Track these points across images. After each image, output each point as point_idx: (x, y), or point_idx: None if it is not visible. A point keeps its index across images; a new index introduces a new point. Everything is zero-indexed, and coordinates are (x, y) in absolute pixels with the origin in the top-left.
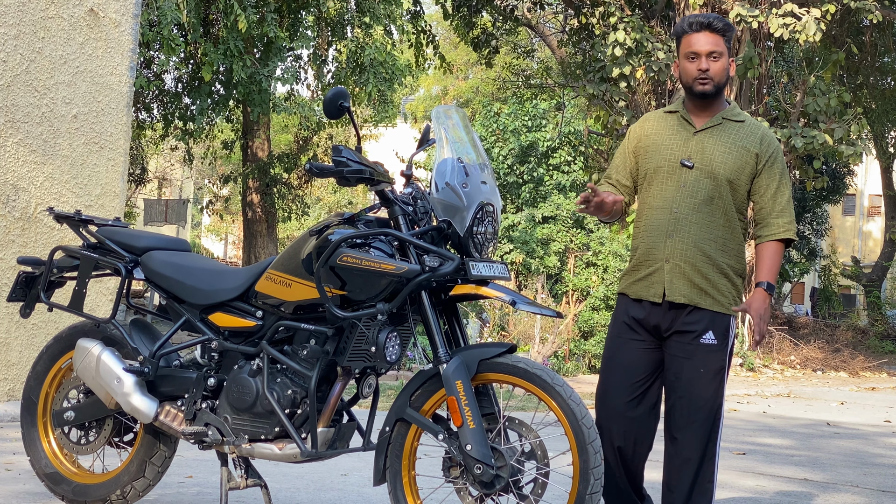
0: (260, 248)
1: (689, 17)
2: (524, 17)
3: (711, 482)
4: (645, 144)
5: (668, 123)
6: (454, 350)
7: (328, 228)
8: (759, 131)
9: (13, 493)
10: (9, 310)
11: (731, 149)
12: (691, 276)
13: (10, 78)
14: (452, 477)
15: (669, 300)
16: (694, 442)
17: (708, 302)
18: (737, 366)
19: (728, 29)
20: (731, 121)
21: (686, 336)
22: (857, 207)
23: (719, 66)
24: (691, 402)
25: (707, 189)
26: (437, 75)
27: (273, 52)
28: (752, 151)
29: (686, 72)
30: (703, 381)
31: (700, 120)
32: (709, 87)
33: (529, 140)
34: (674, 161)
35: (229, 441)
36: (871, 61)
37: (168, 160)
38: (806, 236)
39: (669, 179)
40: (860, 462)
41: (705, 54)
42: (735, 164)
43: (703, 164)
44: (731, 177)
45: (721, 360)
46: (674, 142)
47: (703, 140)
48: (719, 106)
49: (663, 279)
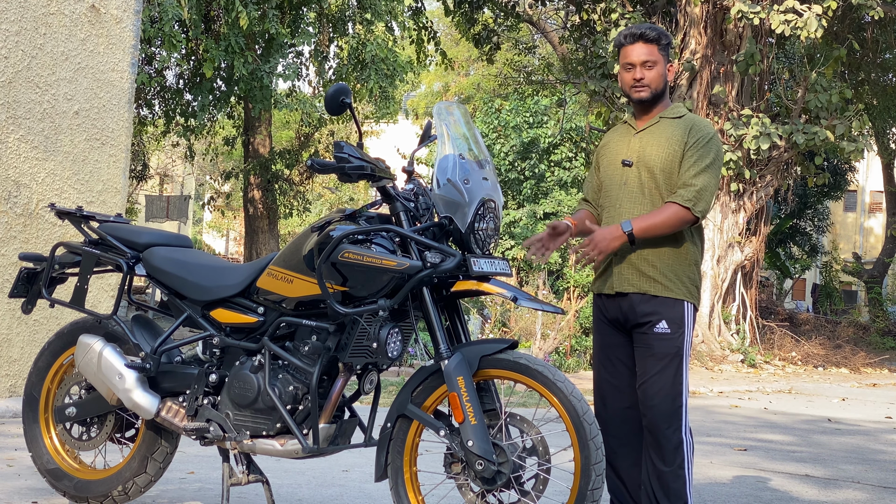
0: (261, 244)
1: (624, 30)
2: (525, 13)
3: (683, 468)
4: (601, 156)
5: (619, 130)
6: (455, 346)
7: (330, 225)
8: (690, 122)
9: (15, 488)
10: (10, 306)
11: (664, 142)
12: (637, 264)
13: (11, 74)
14: (454, 473)
15: (619, 291)
16: (657, 428)
17: (658, 288)
18: (738, 362)
19: (661, 37)
20: (668, 118)
21: (642, 327)
22: (859, 204)
23: (654, 74)
24: (646, 389)
25: (645, 182)
26: (438, 72)
27: (274, 49)
28: (682, 140)
29: (623, 81)
30: (657, 368)
31: (642, 122)
32: (644, 93)
33: (531, 136)
34: (617, 162)
35: (231, 437)
36: (872, 58)
37: (169, 156)
38: (807, 232)
39: (614, 180)
40: (861, 458)
41: (639, 64)
42: (666, 154)
43: (640, 161)
44: (664, 167)
45: (675, 346)
46: (619, 146)
47: (642, 139)
48: (661, 108)
49: (613, 272)
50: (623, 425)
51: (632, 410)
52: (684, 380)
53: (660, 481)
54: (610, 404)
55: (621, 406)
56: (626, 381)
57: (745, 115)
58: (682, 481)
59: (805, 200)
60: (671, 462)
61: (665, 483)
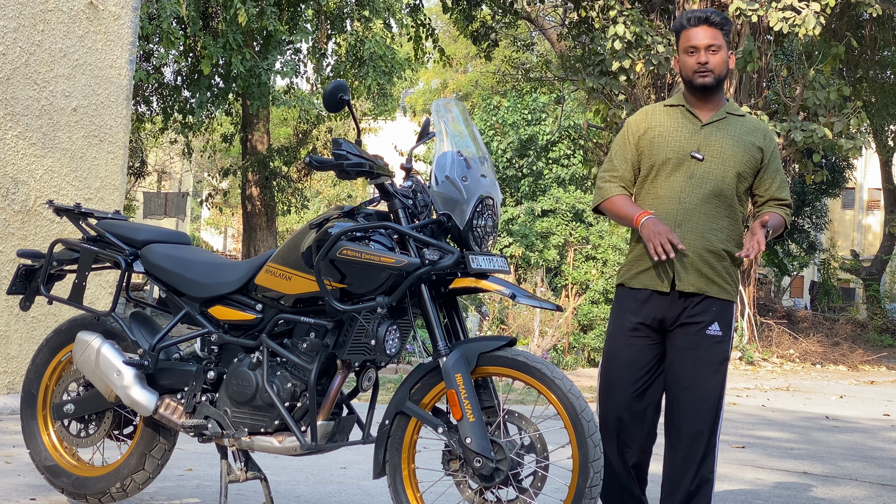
0: (259, 241)
1: (687, 13)
2: (523, 10)
3: (712, 473)
4: (650, 137)
5: (673, 117)
6: (454, 343)
7: (328, 221)
8: (761, 127)
9: (13, 485)
10: (8, 302)
11: (737, 142)
12: (699, 265)
13: (9, 71)
14: (452, 470)
15: (679, 290)
16: (698, 434)
17: (715, 290)
18: (736, 359)
19: (725, 23)
20: (733, 115)
21: (692, 328)
22: (857, 201)
23: (718, 59)
24: (696, 393)
25: (716, 181)
26: (436, 69)
27: (272, 46)
28: (758, 146)
29: (686, 65)
30: (708, 372)
31: (704, 114)
32: (709, 79)
33: (529, 133)
34: (683, 153)
35: (229, 434)
36: (870, 55)
37: (167, 153)
38: (805, 230)
39: (678, 171)
40: (859, 455)
41: (704, 48)
42: (743, 157)
43: (713, 157)
44: (740, 169)
45: (725, 350)
46: (681, 134)
47: (711, 133)
48: (720, 100)
49: (671, 269)
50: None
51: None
52: (726, 385)
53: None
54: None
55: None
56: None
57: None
58: (710, 486)
59: (803, 198)
60: (701, 466)
61: (693, 487)
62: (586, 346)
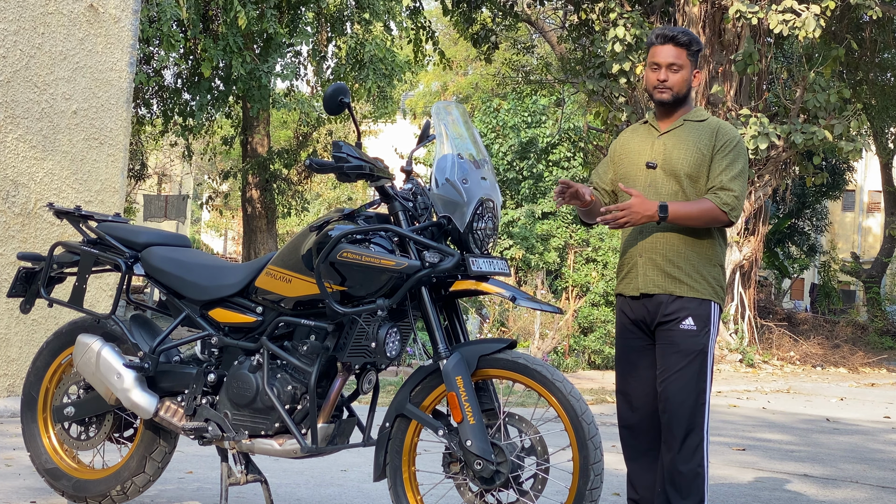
0: (260, 243)
1: (657, 30)
2: (524, 12)
3: (702, 467)
4: (620, 153)
5: (639, 132)
6: (454, 346)
7: (328, 224)
8: (716, 126)
9: (13, 488)
10: (9, 305)
11: (689, 146)
12: (663, 266)
13: (9, 73)
14: (452, 472)
15: (643, 292)
16: (679, 425)
17: (684, 289)
18: (736, 361)
19: (692, 43)
20: (692, 121)
21: (668, 325)
22: (857, 203)
23: (678, 78)
24: (675, 386)
25: (670, 185)
26: (436, 71)
27: (272, 48)
28: (709, 144)
29: (648, 80)
30: (683, 363)
31: (664, 124)
32: (666, 95)
33: (529, 136)
34: (640, 164)
35: (229, 437)
36: (870, 57)
37: (168, 156)
38: (805, 232)
39: (638, 181)
40: (860, 457)
41: (665, 65)
42: (693, 159)
43: (665, 164)
44: (689, 172)
45: (701, 343)
46: (641, 147)
47: (666, 142)
48: (685, 112)
49: (638, 274)
50: (651, 431)
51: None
52: (708, 378)
53: (678, 479)
54: (638, 409)
55: (650, 410)
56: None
57: (744, 114)
58: (701, 479)
59: (803, 200)
60: (689, 460)
61: (683, 481)
62: (587, 348)
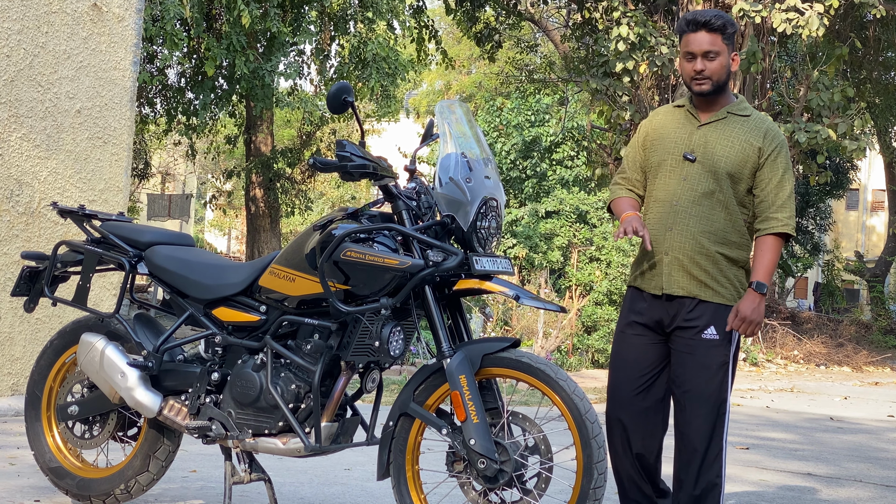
0: (263, 242)
1: (687, 15)
2: (527, 11)
3: (720, 477)
4: (652, 138)
5: (675, 117)
6: (458, 345)
7: (332, 223)
8: (763, 125)
9: (17, 487)
10: (13, 304)
11: (733, 143)
12: (690, 268)
13: (13, 73)
14: (456, 471)
15: (667, 293)
16: (699, 436)
17: (708, 294)
18: (740, 360)
19: (727, 26)
20: (736, 115)
21: (688, 332)
22: (861, 202)
23: (716, 66)
24: (695, 396)
25: (708, 182)
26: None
27: (276, 47)
28: (756, 146)
29: (684, 71)
30: (706, 375)
31: (705, 114)
32: (705, 86)
33: (532, 135)
34: (677, 154)
35: (233, 435)
36: (874, 56)
37: (171, 155)
38: (809, 231)
39: (672, 173)
40: (864, 456)
41: (701, 54)
42: (737, 157)
43: (705, 158)
44: (731, 170)
45: (724, 354)
46: (678, 135)
47: (707, 134)
48: (725, 100)
49: (662, 272)
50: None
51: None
52: (729, 388)
53: (701, 489)
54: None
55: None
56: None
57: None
58: (718, 490)
59: (807, 199)
60: (710, 471)
61: (708, 492)
62: (590, 347)
